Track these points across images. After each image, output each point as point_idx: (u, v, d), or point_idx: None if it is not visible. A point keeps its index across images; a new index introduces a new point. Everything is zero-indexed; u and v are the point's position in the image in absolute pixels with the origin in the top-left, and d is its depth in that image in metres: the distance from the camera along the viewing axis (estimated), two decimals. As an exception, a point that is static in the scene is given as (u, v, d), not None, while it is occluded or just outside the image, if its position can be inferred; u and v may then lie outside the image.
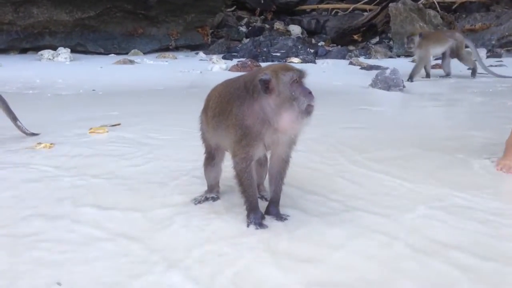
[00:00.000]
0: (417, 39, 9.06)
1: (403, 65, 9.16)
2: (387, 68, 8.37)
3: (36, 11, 12.01)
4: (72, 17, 12.36)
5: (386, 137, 4.91)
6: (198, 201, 3.10)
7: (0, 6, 11.62)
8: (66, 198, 3.06)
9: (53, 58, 11.56)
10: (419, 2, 14.67)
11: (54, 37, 12.44)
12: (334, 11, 19.54)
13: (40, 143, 4.36)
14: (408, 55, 13.61)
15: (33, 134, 4.75)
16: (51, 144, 4.34)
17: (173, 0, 12.92)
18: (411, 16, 13.66)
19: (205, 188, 3.15)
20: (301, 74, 2.59)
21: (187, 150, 4.23)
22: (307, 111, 2.53)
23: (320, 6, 20.05)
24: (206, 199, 3.10)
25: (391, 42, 14.67)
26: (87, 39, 12.82)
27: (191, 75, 9.82)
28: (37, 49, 12.16)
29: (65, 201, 3.02)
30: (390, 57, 13.78)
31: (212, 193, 3.15)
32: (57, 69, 10.15)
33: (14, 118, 4.74)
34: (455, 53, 9.46)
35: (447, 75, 9.67)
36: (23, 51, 12.52)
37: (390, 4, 14.21)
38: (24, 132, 4.74)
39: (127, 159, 3.99)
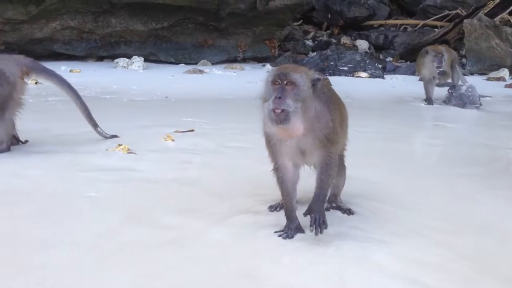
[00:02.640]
0: (446, 55, 7.68)
1: (478, 82, 8.78)
2: (461, 85, 8.09)
3: (114, 21, 12.58)
4: (146, 28, 12.86)
5: (468, 155, 4.75)
6: (274, 208, 3.11)
7: (81, 15, 12.28)
8: (147, 201, 3.16)
9: (128, 66, 12.05)
10: (495, 19, 14.12)
11: (129, 46, 12.97)
12: (402, 27, 19.17)
13: (120, 145, 4.54)
14: (483, 73, 13.11)
15: (113, 137, 4.94)
16: (129, 148, 4.49)
17: (244, 13, 13.15)
18: (487, 33, 13.15)
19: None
20: (280, 77, 2.49)
21: (263, 158, 4.26)
22: (270, 116, 2.45)
23: (389, 21, 19.73)
24: (283, 206, 3.11)
25: (463, 60, 14.18)
26: (159, 49, 13.27)
27: (258, 86, 9.85)
28: (112, 57, 12.72)
29: (148, 204, 3.11)
30: (464, 74, 13.30)
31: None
32: (131, 77, 10.56)
33: (94, 125, 4.90)
34: None
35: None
36: (100, 58, 13.14)
37: (465, 20, 13.75)
38: (104, 137, 4.92)
39: (206, 165, 4.06)
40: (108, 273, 2.16)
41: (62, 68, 11.12)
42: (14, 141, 4.46)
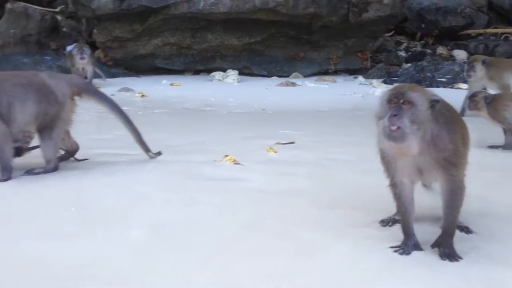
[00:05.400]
0: (479, 66, 7.35)
1: None
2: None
3: (210, 37, 13.14)
4: (241, 42, 13.27)
5: None
6: (386, 223, 3.11)
7: (181, 32, 12.95)
8: (262, 210, 3.30)
9: (223, 79, 12.50)
10: None
11: (224, 60, 13.46)
12: (503, 36, 18.15)
13: (226, 156, 4.75)
14: None
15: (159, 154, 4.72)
16: (235, 159, 4.67)
17: (336, 25, 13.17)
18: None
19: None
20: (396, 96, 2.48)
21: (367, 171, 4.27)
22: (386, 133, 2.45)
23: (488, 30, 18.75)
24: (395, 221, 3.10)
25: None
26: (253, 62, 13.63)
27: (353, 98, 9.88)
28: (208, 70, 13.26)
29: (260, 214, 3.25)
30: None
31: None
32: (227, 89, 10.96)
33: (146, 150, 4.66)
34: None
35: None
36: (196, 72, 13.74)
37: None
38: (152, 157, 4.67)
39: (310, 177, 4.15)
40: (239, 276, 2.31)
41: (163, 81, 11.83)
42: (66, 156, 4.50)
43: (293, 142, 5.57)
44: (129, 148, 4.84)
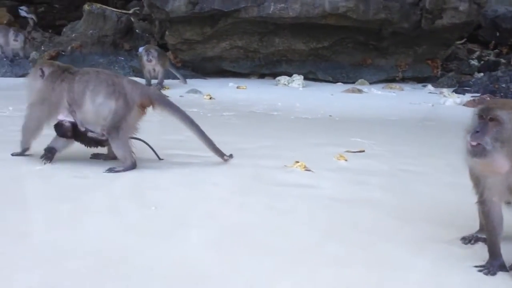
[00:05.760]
0: None
1: None
2: None
3: (277, 41, 13.18)
4: (307, 47, 13.24)
5: None
6: (468, 240, 3.02)
7: (249, 36, 13.09)
8: (337, 219, 3.28)
9: (288, 84, 12.51)
10: None
11: (289, 64, 13.47)
12: None
13: (297, 162, 4.75)
14: None
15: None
16: (305, 165, 4.67)
17: (407, 32, 12.84)
18: None
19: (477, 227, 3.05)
20: (484, 112, 2.45)
21: (443, 185, 4.15)
22: (467, 148, 2.43)
23: None
24: (477, 239, 3.00)
25: None
26: (318, 68, 13.55)
27: (422, 108, 9.61)
28: (273, 75, 13.31)
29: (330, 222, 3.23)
30: None
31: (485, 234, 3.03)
32: (293, 94, 10.96)
33: (221, 155, 4.72)
34: None
35: None
36: (261, 76, 13.85)
37: None
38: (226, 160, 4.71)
39: (383, 187, 4.08)
40: (320, 285, 2.31)
41: (229, 84, 12.00)
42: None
43: (363, 151, 5.49)
44: (200, 149, 4.94)
